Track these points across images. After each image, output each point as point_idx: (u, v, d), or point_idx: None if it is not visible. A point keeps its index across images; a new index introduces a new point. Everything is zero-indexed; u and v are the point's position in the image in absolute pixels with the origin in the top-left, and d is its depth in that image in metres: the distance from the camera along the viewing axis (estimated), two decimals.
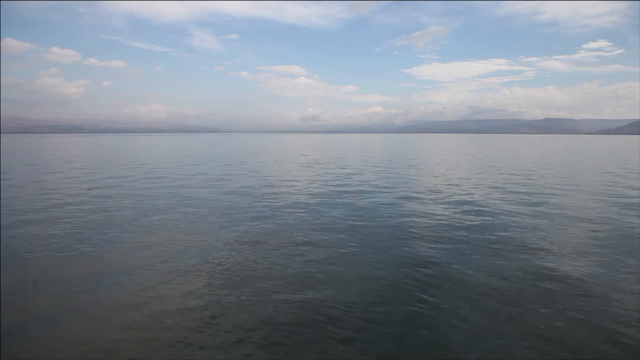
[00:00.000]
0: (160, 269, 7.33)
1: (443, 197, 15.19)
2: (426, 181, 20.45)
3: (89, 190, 16.94)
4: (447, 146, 73.44)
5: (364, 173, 24.17)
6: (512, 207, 13.19)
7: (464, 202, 14.05)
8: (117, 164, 31.00)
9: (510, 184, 19.20)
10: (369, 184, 19.13)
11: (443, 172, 25.22)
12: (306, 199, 14.67)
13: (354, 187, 17.77)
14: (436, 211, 12.53)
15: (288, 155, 43.07)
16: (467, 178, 21.66)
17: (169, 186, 18.16)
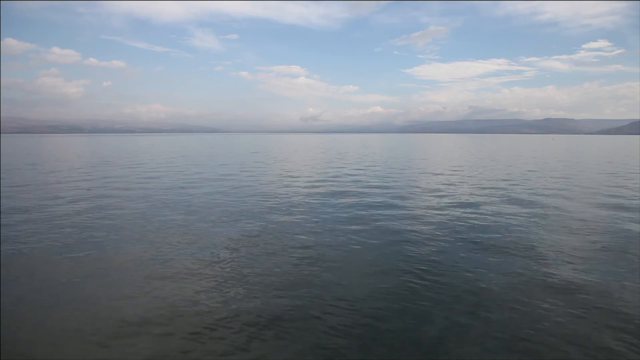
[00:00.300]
0: (161, 268, 7.29)
1: (445, 198, 15.18)
2: (431, 180, 20.43)
3: (88, 190, 16.91)
4: (448, 146, 73.35)
5: (371, 174, 24.12)
6: (514, 206, 13.16)
7: (466, 203, 14.03)
8: (116, 164, 30.96)
9: (511, 184, 19.17)
10: (370, 184, 19.11)
11: (445, 171, 25.19)
12: (306, 199, 14.65)
13: (354, 188, 17.75)
14: (439, 211, 12.51)
15: (286, 156, 43.05)
16: (470, 177, 21.63)
17: (169, 185, 18.15)
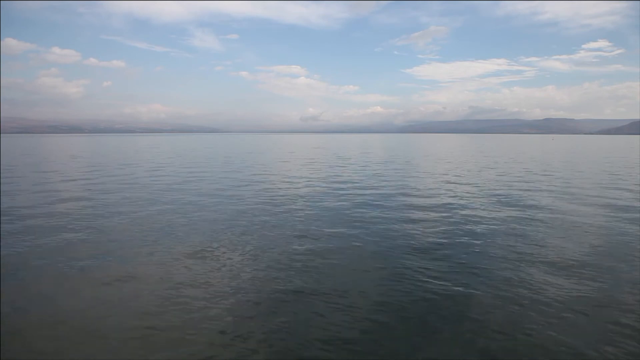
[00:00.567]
0: (162, 266, 7.30)
1: (447, 197, 15.17)
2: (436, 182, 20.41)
3: (100, 187, 16.91)
4: (451, 147, 73.33)
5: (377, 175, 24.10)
6: (516, 206, 13.15)
7: (469, 203, 14.02)
8: (116, 164, 30.96)
9: (513, 185, 19.15)
10: (370, 184, 19.10)
11: (447, 172, 25.19)
12: (307, 199, 14.65)
13: (354, 188, 17.73)
14: (446, 213, 12.50)
15: (282, 156, 43.03)
16: (471, 176, 21.63)
17: (169, 185, 18.16)
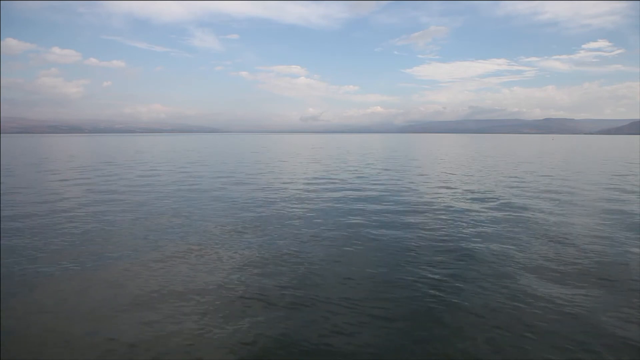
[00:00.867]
0: (163, 266, 7.30)
1: (450, 197, 15.16)
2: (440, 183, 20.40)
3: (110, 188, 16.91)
4: (453, 147, 73.33)
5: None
6: (517, 208, 13.16)
7: (472, 206, 14.01)
8: (116, 164, 30.96)
9: (514, 185, 19.15)
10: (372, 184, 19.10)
11: (447, 172, 25.17)
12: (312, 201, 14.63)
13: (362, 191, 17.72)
14: (448, 213, 12.50)
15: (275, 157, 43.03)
16: (474, 176, 21.62)
17: (169, 185, 18.15)
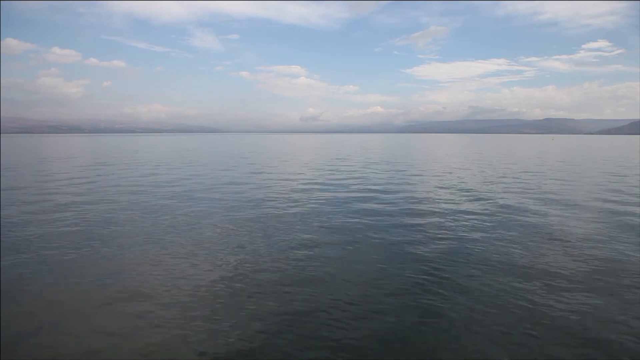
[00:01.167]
0: (163, 266, 7.30)
1: (450, 197, 15.15)
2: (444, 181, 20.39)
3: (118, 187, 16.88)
4: (451, 147, 73.30)
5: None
6: (519, 207, 13.14)
7: (474, 206, 14.00)
8: (118, 164, 30.96)
9: (514, 184, 19.15)
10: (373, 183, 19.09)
11: (449, 171, 25.19)
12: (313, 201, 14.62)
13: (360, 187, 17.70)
14: (446, 212, 12.49)
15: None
16: (475, 176, 21.61)
17: (169, 185, 18.15)
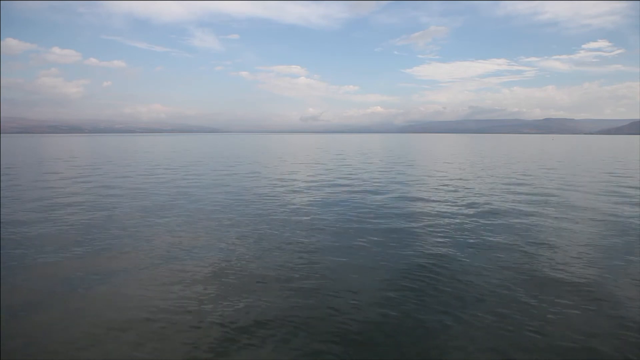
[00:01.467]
0: (163, 267, 7.28)
1: (451, 197, 15.16)
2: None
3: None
4: (452, 147, 73.31)
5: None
6: (521, 207, 13.14)
7: (475, 205, 14.01)
8: (118, 164, 30.96)
9: (516, 184, 19.15)
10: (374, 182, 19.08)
11: (449, 171, 25.19)
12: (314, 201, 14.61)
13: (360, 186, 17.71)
14: (445, 211, 12.49)
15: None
16: (476, 177, 21.60)
17: (169, 185, 18.15)
